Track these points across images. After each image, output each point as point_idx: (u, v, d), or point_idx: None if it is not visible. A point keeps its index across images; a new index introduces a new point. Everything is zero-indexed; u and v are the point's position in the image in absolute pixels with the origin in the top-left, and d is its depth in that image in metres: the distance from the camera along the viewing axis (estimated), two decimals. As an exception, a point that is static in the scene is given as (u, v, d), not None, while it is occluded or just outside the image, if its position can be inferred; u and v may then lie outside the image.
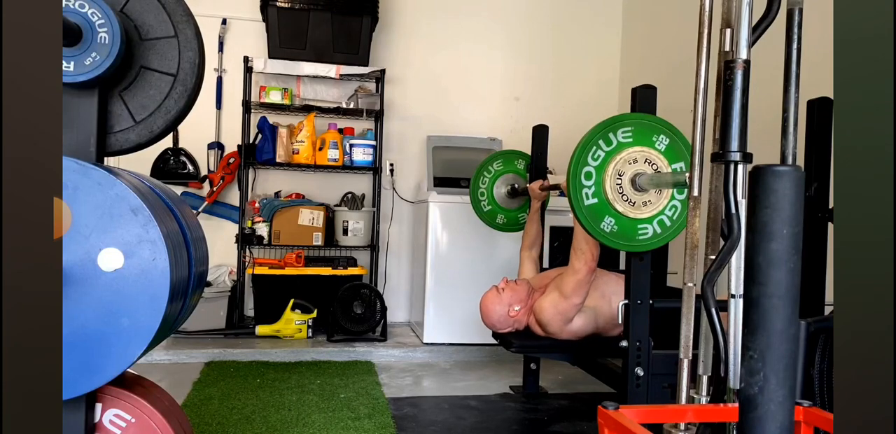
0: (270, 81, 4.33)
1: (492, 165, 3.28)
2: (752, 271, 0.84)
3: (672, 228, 2.16)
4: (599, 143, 2.08)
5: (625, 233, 2.12)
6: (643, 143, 2.11)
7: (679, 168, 2.12)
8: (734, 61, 1.29)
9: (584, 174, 2.08)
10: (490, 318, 2.71)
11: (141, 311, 1.15)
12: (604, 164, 2.09)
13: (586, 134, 2.09)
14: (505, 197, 3.28)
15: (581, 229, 2.22)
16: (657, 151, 2.12)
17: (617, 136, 2.09)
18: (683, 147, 2.14)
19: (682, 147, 2.14)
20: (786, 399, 0.83)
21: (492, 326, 2.75)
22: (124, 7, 1.38)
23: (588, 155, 2.08)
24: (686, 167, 2.14)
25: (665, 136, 2.12)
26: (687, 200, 2.11)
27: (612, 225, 2.12)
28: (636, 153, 2.10)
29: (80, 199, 1.13)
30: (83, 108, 1.32)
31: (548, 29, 4.84)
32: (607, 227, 2.11)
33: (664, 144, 2.12)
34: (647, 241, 2.15)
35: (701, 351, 1.47)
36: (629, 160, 2.09)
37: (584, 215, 2.08)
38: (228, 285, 4.11)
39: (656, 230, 2.15)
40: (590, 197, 2.09)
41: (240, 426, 2.45)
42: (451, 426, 2.58)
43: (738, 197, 1.29)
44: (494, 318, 2.70)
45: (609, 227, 2.12)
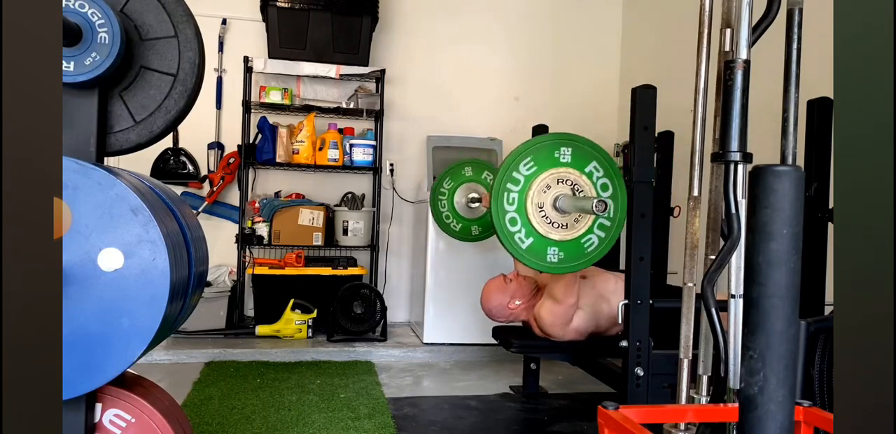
0: (270, 81, 4.33)
1: (443, 186, 3.35)
2: (752, 271, 0.84)
3: (613, 229, 2.19)
4: (508, 187, 2.13)
5: (572, 254, 2.15)
6: (548, 165, 2.14)
7: (593, 170, 2.15)
8: (734, 61, 1.29)
9: (510, 220, 2.12)
10: (489, 302, 2.72)
11: (141, 311, 1.15)
12: (522, 202, 2.12)
13: (511, 153, 2.12)
14: (465, 207, 3.33)
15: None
16: (565, 167, 2.15)
17: (520, 170, 2.12)
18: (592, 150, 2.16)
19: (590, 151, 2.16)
20: (786, 399, 0.83)
21: (488, 312, 2.76)
22: (124, 7, 1.38)
23: (503, 200, 2.12)
24: (599, 169, 2.17)
25: (565, 148, 2.15)
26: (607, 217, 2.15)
27: (556, 253, 2.15)
28: (547, 178, 2.13)
29: (80, 199, 1.13)
30: (83, 108, 1.32)
31: (548, 29, 4.84)
32: (554, 257, 2.15)
33: (567, 156, 2.15)
34: (596, 252, 2.18)
35: (701, 351, 1.47)
36: (542, 189, 2.12)
37: (527, 257, 2.12)
38: (228, 285, 4.11)
39: (599, 236, 2.18)
40: (524, 239, 2.13)
41: (240, 426, 2.45)
42: (451, 426, 2.58)
43: (738, 197, 1.29)
44: (493, 304, 2.71)
45: (555, 256, 2.15)
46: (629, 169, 2.17)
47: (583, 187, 2.15)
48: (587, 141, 2.17)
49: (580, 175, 2.14)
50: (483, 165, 3.36)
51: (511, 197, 2.11)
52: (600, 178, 2.17)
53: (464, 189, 3.31)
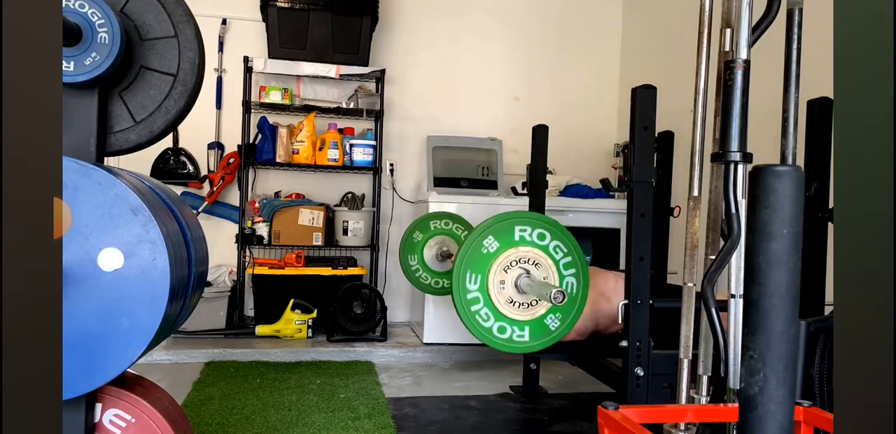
0: (270, 81, 4.33)
1: (413, 235, 3.44)
2: (752, 271, 0.84)
3: (576, 307, 2.20)
4: (469, 275, 2.15)
5: (537, 333, 2.17)
6: (509, 245, 2.16)
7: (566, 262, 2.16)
8: (734, 61, 1.29)
9: (471, 300, 2.14)
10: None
11: (141, 311, 1.15)
12: (483, 284, 2.15)
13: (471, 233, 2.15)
14: (435, 260, 3.42)
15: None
16: (542, 250, 2.18)
17: (481, 250, 2.15)
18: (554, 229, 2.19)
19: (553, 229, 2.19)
20: (786, 399, 0.83)
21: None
22: (124, 7, 1.38)
23: (465, 283, 2.15)
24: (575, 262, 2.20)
25: (524, 226, 2.18)
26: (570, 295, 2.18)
27: (519, 333, 2.18)
28: (509, 257, 2.15)
29: (80, 199, 1.13)
30: (83, 108, 1.32)
31: (548, 29, 4.84)
32: (518, 337, 2.17)
33: (530, 235, 2.18)
34: (561, 328, 2.20)
35: (701, 351, 1.47)
36: (503, 269, 2.15)
37: (495, 340, 2.13)
38: (228, 285, 4.11)
39: (564, 312, 2.20)
40: (487, 319, 2.15)
41: (240, 426, 2.45)
42: (451, 426, 2.58)
43: (738, 197, 1.29)
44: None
45: (518, 335, 2.17)
46: (629, 169, 2.17)
47: (527, 256, 2.17)
48: (491, 220, 2.20)
49: (516, 248, 2.16)
50: (427, 219, 3.49)
51: (483, 313, 2.14)
52: (532, 233, 2.19)
53: (428, 249, 3.45)
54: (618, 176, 4.43)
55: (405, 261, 3.46)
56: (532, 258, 2.14)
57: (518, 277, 2.13)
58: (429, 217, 3.50)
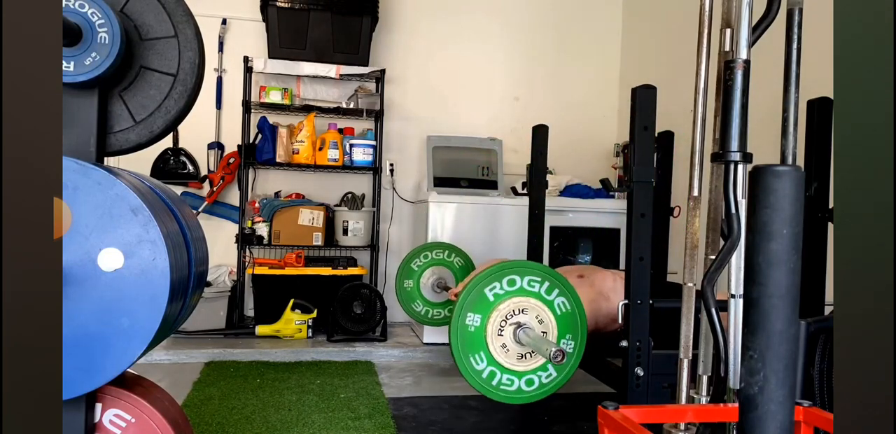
0: (270, 81, 4.33)
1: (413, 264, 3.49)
2: (752, 271, 0.84)
3: (575, 355, 2.20)
4: (467, 323, 2.18)
5: (516, 386, 2.18)
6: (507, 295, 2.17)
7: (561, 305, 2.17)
8: (734, 61, 1.29)
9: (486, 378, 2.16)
10: None
11: (141, 311, 1.15)
12: (492, 361, 2.17)
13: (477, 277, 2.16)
14: (431, 290, 3.48)
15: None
16: (540, 300, 2.17)
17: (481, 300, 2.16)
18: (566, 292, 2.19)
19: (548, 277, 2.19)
20: (786, 399, 0.83)
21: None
22: (124, 7, 1.38)
23: (464, 319, 2.17)
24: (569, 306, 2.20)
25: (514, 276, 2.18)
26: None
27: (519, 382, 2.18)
28: (506, 308, 2.16)
29: (80, 199, 1.13)
30: (83, 108, 1.32)
31: (548, 29, 4.84)
32: (523, 386, 2.18)
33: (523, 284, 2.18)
34: (537, 391, 2.19)
35: (701, 351, 1.47)
36: (501, 321, 2.15)
37: (490, 390, 2.14)
38: (228, 285, 4.11)
39: (551, 375, 2.20)
40: (479, 361, 2.15)
41: (240, 426, 2.45)
42: (451, 426, 2.58)
43: (738, 197, 1.29)
44: None
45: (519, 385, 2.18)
46: (629, 169, 2.17)
47: (541, 315, 2.17)
48: (542, 267, 2.21)
49: (538, 301, 2.17)
50: (424, 249, 3.54)
51: (471, 329, 2.15)
52: (557, 297, 2.20)
53: (425, 278, 3.50)
54: (618, 176, 4.43)
55: (401, 285, 3.53)
56: (528, 307, 2.17)
57: (517, 331, 2.15)
58: (428, 247, 3.58)
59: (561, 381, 2.21)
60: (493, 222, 3.86)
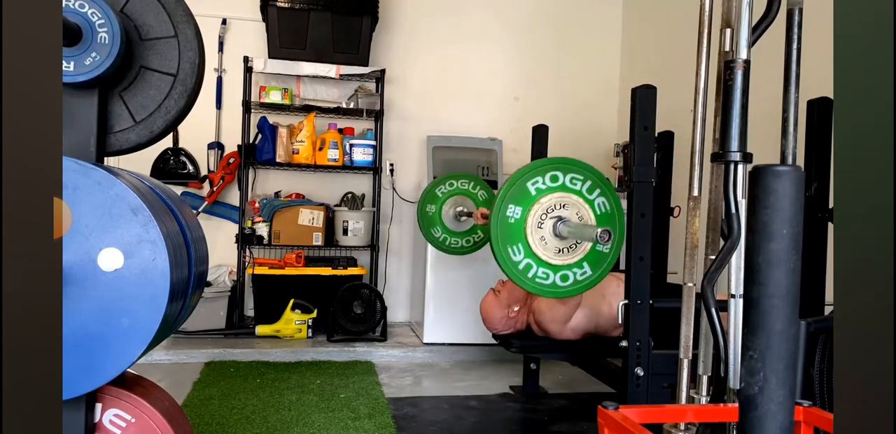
0: (270, 81, 4.33)
1: (438, 189, 3.37)
2: (752, 271, 0.84)
3: (612, 251, 2.18)
4: (508, 213, 2.11)
5: (551, 280, 2.15)
6: (547, 191, 2.12)
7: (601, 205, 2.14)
8: (734, 61, 1.29)
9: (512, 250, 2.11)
10: (492, 321, 2.71)
11: (141, 311, 1.15)
12: (529, 253, 2.11)
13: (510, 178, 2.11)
14: (453, 220, 3.35)
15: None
16: (563, 192, 2.14)
17: (521, 194, 2.11)
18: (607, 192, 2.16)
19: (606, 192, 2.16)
20: (786, 399, 0.83)
21: (493, 329, 2.75)
22: (124, 7, 1.38)
23: (506, 210, 2.10)
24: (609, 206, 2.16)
25: (559, 172, 2.14)
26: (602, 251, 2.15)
27: (557, 277, 2.15)
28: (546, 203, 2.12)
29: (80, 199, 1.13)
30: (83, 108, 1.32)
31: (548, 29, 4.84)
32: (559, 281, 2.15)
33: (565, 180, 2.14)
34: (571, 287, 2.18)
35: (701, 351, 1.47)
36: (542, 214, 2.12)
37: (529, 284, 2.10)
38: (228, 285, 4.11)
39: (586, 273, 2.17)
40: (517, 253, 2.12)
41: (240, 426, 2.45)
42: (451, 426, 2.58)
43: (738, 197, 1.29)
44: (495, 321, 2.70)
45: (559, 279, 2.15)
46: (629, 169, 2.17)
47: (581, 211, 2.14)
48: (585, 165, 2.18)
49: (579, 199, 2.14)
50: (470, 177, 3.42)
51: (511, 221, 2.11)
52: (598, 197, 2.17)
53: (451, 202, 3.37)
54: (618, 176, 4.42)
55: (428, 233, 3.40)
56: (569, 203, 2.12)
57: (556, 223, 2.10)
58: (449, 177, 3.42)
59: (595, 279, 2.17)
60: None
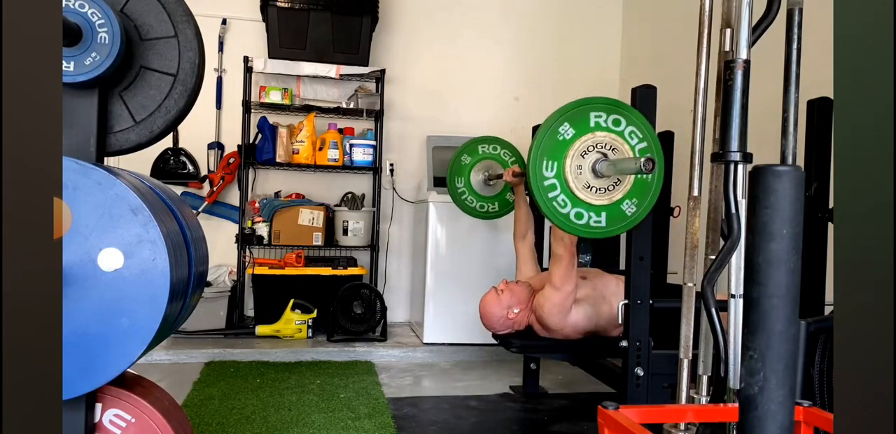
0: (270, 81, 4.33)
1: (462, 158, 3.30)
2: (752, 271, 0.84)
3: (652, 190, 2.14)
4: (559, 130, 2.05)
5: (615, 217, 2.10)
6: (585, 130, 2.06)
7: (641, 148, 2.10)
8: (734, 61, 1.29)
9: (549, 186, 2.06)
10: (489, 320, 2.70)
11: (141, 311, 1.15)
12: (560, 168, 2.07)
13: (546, 120, 2.06)
14: (483, 185, 3.30)
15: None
16: (618, 135, 2.09)
17: (557, 135, 2.06)
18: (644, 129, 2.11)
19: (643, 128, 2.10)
20: (786, 399, 0.83)
21: (490, 328, 2.75)
22: (124, 7, 1.38)
23: (541, 170, 2.05)
24: (651, 148, 2.12)
25: (602, 113, 2.07)
26: (644, 181, 2.11)
27: (596, 219, 2.10)
28: (586, 142, 2.07)
29: (80, 199, 1.13)
30: (83, 108, 1.32)
31: (548, 29, 4.84)
32: (595, 222, 2.10)
33: (605, 121, 2.07)
34: (637, 214, 2.12)
35: (701, 351, 1.47)
36: (581, 154, 2.06)
37: (568, 223, 2.07)
38: (228, 285, 4.11)
39: (640, 197, 2.13)
40: (563, 205, 2.08)
41: (240, 426, 2.45)
42: (451, 426, 2.58)
43: (738, 197, 1.29)
44: (493, 320, 2.69)
45: (595, 221, 2.10)
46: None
47: (603, 141, 2.08)
48: (569, 105, 2.10)
49: (593, 134, 2.07)
50: (476, 142, 3.34)
51: (560, 200, 2.08)
52: (608, 120, 2.10)
53: (475, 173, 3.30)
54: (618, 176, 4.42)
55: (452, 184, 3.33)
56: (608, 143, 2.09)
57: (595, 162, 2.07)
58: (477, 141, 3.36)
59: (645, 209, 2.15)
60: (493, 222, 3.85)
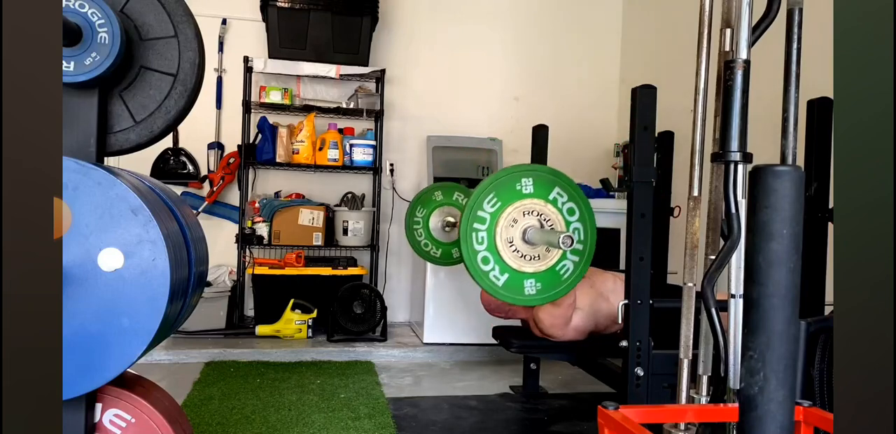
0: (270, 81, 4.33)
1: (416, 215, 3.39)
2: (752, 271, 0.83)
3: (586, 252, 2.19)
4: (475, 227, 2.13)
5: (549, 284, 2.16)
6: (511, 199, 2.15)
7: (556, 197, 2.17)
8: (734, 61, 1.29)
9: (482, 259, 2.14)
10: (488, 304, 2.74)
11: (141, 312, 1.15)
12: (491, 240, 2.14)
13: (479, 185, 2.14)
14: (441, 230, 3.35)
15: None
16: (529, 198, 2.15)
17: (484, 208, 2.13)
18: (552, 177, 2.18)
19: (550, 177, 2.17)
20: (786, 399, 0.83)
21: (486, 305, 2.78)
22: (124, 7, 1.38)
23: (472, 240, 2.12)
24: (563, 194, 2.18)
25: (526, 179, 2.16)
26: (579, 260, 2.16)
27: (533, 285, 2.17)
28: (512, 212, 2.15)
29: (80, 199, 1.13)
30: (83, 108, 1.32)
31: (548, 29, 4.84)
32: (531, 289, 2.16)
33: (529, 187, 2.16)
34: (572, 277, 2.18)
35: (701, 351, 1.47)
36: (509, 224, 2.15)
37: (504, 294, 2.11)
38: (228, 285, 4.11)
39: (574, 261, 2.18)
40: (499, 277, 2.14)
41: (240, 426, 2.45)
42: (451, 426, 2.58)
43: (738, 197, 1.29)
44: (493, 306, 2.73)
45: (532, 288, 2.17)
46: (629, 169, 2.17)
47: (549, 216, 2.15)
48: (545, 168, 2.20)
49: (545, 204, 2.15)
50: (452, 188, 3.40)
51: (480, 236, 2.12)
52: (565, 204, 2.18)
53: (437, 214, 3.37)
54: (618, 176, 4.43)
55: (412, 212, 3.40)
56: (535, 209, 2.13)
57: (525, 230, 2.11)
58: (454, 187, 3.42)
59: (586, 261, 2.20)
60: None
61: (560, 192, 2.16)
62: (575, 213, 2.18)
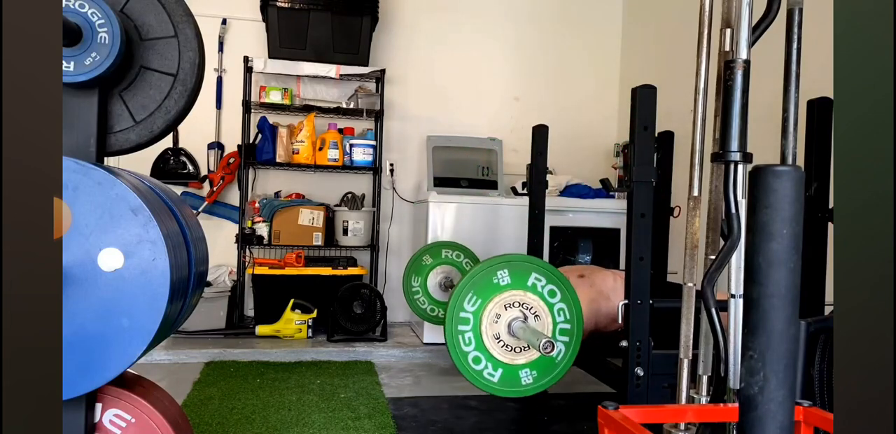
0: (270, 81, 4.33)
1: (413, 285, 3.51)
2: (752, 271, 0.83)
3: (574, 331, 2.20)
4: (460, 329, 2.16)
5: (544, 369, 2.17)
6: (490, 294, 2.17)
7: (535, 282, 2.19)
8: (734, 61, 1.29)
9: (473, 360, 2.16)
10: None
11: (141, 312, 1.15)
12: (478, 339, 2.16)
13: (457, 286, 2.16)
14: (438, 289, 3.47)
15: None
16: (507, 290, 2.17)
17: (465, 309, 2.16)
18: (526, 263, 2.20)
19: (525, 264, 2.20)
20: (786, 399, 0.82)
21: None
22: (124, 7, 1.38)
23: (459, 343, 2.15)
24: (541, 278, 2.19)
25: (501, 271, 2.18)
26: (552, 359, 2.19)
27: (529, 374, 2.20)
28: (494, 308, 2.16)
29: (80, 199, 1.13)
30: (83, 108, 1.32)
31: (548, 29, 4.84)
32: (528, 379, 2.18)
33: (506, 278, 2.18)
34: (566, 358, 2.20)
35: (701, 351, 1.47)
36: (493, 320, 2.17)
37: (501, 390, 2.14)
38: (228, 285, 4.11)
39: (564, 342, 2.20)
40: (493, 373, 2.17)
41: (240, 426, 2.45)
42: (451, 426, 2.58)
43: (738, 197, 1.29)
44: None
45: (528, 377, 2.20)
46: (629, 169, 2.17)
47: (530, 304, 2.17)
48: (519, 256, 2.23)
49: (525, 293, 2.17)
50: (438, 246, 3.50)
51: (466, 337, 2.14)
52: (545, 287, 2.20)
53: (433, 277, 3.52)
54: (618, 176, 4.43)
55: (408, 282, 3.50)
56: (516, 300, 2.17)
57: (510, 325, 2.15)
58: (440, 245, 3.56)
59: (577, 340, 2.22)
60: (493, 222, 3.86)
61: (538, 277, 2.18)
62: (556, 294, 2.21)
